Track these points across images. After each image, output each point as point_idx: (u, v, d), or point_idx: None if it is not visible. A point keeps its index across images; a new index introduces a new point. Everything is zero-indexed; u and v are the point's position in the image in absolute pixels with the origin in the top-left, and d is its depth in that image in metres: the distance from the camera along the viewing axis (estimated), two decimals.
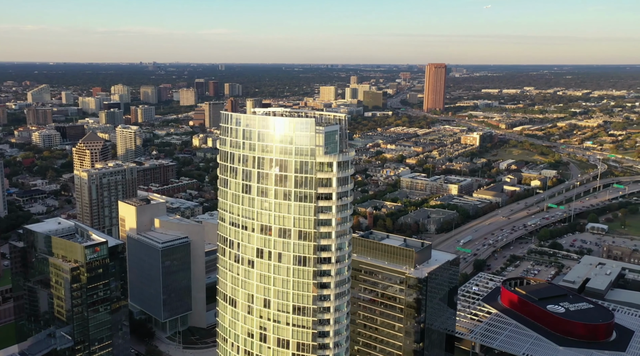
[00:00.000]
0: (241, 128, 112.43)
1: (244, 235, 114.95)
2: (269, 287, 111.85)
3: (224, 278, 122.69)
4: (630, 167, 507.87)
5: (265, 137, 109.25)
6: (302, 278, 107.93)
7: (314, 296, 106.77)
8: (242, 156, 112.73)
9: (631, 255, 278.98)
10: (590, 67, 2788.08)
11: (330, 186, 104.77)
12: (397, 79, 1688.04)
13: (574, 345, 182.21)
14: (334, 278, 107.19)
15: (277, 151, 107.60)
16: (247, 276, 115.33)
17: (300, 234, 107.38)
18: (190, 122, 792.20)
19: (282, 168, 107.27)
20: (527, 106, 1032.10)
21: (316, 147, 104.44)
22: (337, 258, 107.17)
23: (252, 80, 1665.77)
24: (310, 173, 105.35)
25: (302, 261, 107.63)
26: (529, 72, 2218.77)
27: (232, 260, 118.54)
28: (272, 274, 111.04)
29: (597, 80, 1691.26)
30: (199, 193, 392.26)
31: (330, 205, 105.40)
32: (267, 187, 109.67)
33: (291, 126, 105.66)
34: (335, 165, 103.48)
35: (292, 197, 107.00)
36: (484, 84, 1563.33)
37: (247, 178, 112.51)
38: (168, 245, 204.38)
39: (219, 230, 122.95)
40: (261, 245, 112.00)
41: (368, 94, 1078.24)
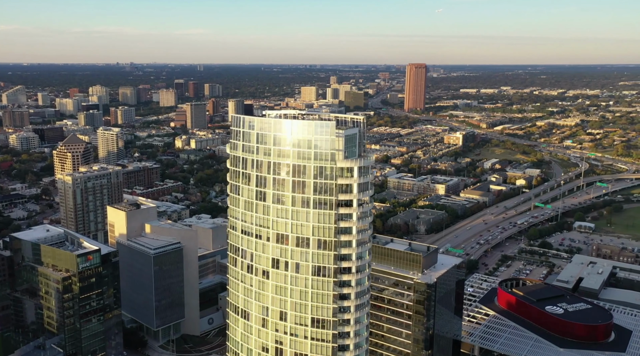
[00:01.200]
0: (255, 132, 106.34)
1: (257, 244, 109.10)
2: (286, 299, 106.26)
3: (235, 290, 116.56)
4: (610, 165, 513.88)
5: (281, 141, 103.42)
6: (322, 289, 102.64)
7: (334, 308, 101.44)
8: (256, 161, 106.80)
9: (620, 254, 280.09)
10: (562, 67, 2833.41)
11: (351, 192, 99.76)
12: (376, 79, 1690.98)
13: (574, 346, 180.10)
14: (354, 289, 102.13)
15: (295, 156, 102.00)
16: (261, 288, 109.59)
17: (320, 243, 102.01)
18: (172, 123, 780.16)
19: (299, 174, 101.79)
20: (505, 106, 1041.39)
21: (337, 151, 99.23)
22: (358, 267, 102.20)
23: (231, 80, 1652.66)
24: (330, 179, 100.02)
25: (322, 271, 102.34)
26: (505, 72, 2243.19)
27: (245, 271, 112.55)
28: (289, 285, 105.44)
29: (571, 80, 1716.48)
30: (184, 196, 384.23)
31: (350, 213, 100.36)
32: (283, 194, 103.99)
33: (310, 129, 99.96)
34: (356, 171, 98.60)
35: (310, 204, 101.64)
36: (462, 84, 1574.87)
37: (262, 184, 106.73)
38: (160, 251, 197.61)
39: (230, 239, 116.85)
40: (277, 255, 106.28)
41: (349, 94, 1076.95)
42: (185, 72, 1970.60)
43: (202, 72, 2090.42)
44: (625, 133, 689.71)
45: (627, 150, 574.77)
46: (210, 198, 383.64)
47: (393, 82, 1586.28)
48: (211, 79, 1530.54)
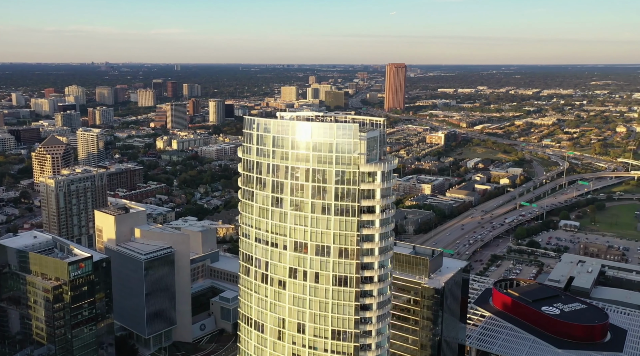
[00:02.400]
0: (271, 135, 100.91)
1: (273, 253, 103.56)
2: (304, 310, 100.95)
3: (248, 301, 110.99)
4: (589, 163, 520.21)
5: (299, 144, 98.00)
6: (343, 299, 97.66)
7: (355, 319, 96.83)
8: (272, 166, 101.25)
9: (607, 252, 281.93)
10: (535, 67, 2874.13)
11: (374, 198, 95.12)
12: (355, 78, 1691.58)
13: (571, 347, 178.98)
14: (376, 299, 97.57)
15: (314, 160, 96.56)
16: (277, 299, 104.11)
17: (341, 251, 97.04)
18: (152, 124, 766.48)
19: (320, 179, 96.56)
20: (483, 105, 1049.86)
21: (359, 155, 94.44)
22: (380, 276, 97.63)
23: (209, 80, 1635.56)
24: (352, 184, 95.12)
25: (343, 281, 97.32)
26: (480, 72, 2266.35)
27: (259, 281, 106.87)
28: (308, 296, 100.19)
29: (544, 80, 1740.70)
30: (169, 198, 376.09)
31: (373, 219, 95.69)
32: (302, 200, 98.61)
33: (331, 132, 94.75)
34: (379, 175, 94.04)
35: (331, 211, 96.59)
36: (439, 84, 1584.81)
37: (278, 190, 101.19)
38: (151, 257, 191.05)
39: (242, 247, 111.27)
40: (295, 264, 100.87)
41: (330, 94, 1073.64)
42: (163, 72, 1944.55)
43: (180, 72, 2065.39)
44: (601, 132, 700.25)
45: (604, 148, 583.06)
46: (195, 200, 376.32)
47: (371, 82, 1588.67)
48: (189, 79, 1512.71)
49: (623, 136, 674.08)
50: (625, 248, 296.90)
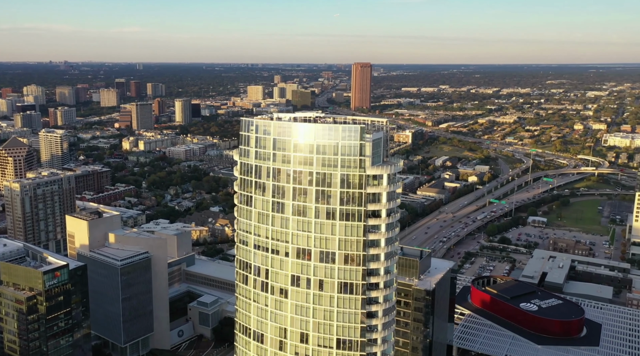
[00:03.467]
0: (271, 137, 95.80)
1: (274, 260, 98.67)
2: (307, 319, 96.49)
3: (245, 310, 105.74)
4: (551, 160, 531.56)
5: (302, 147, 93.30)
6: (349, 307, 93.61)
7: (361, 327, 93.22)
8: (273, 169, 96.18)
9: (575, 247, 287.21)
10: (493, 66, 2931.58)
11: (380, 202, 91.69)
12: (320, 78, 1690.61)
13: (550, 342, 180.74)
14: (382, 306, 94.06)
15: (319, 163, 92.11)
16: (278, 308, 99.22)
17: (347, 258, 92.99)
18: (116, 124, 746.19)
19: (324, 183, 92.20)
20: (446, 104, 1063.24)
21: (365, 157, 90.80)
22: (386, 283, 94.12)
23: (173, 79, 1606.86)
24: (358, 187, 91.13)
25: (349, 288, 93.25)
26: (441, 71, 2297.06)
27: (259, 289, 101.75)
28: (312, 304, 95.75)
29: (503, 79, 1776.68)
30: (138, 200, 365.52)
31: (379, 224, 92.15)
32: (305, 205, 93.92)
33: (336, 134, 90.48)
34: (385, 178, 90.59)
35: (337, 216, 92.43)
36: (403, 83, 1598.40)
37: (280, 194, 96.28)
38: (127, 262, 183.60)
39: (239, 254, 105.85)
40: (297, 272, 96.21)
41: (296, 93, 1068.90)
42: (124, 71, 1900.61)
43: (142, 71, 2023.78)
44: (560, 130, 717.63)
45: (564, 145, 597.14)
46: (165, 202, 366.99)
47: (336, 81, 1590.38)
48: (153, 78, 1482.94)
49: (581, 133, 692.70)
50: (592, 242, 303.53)
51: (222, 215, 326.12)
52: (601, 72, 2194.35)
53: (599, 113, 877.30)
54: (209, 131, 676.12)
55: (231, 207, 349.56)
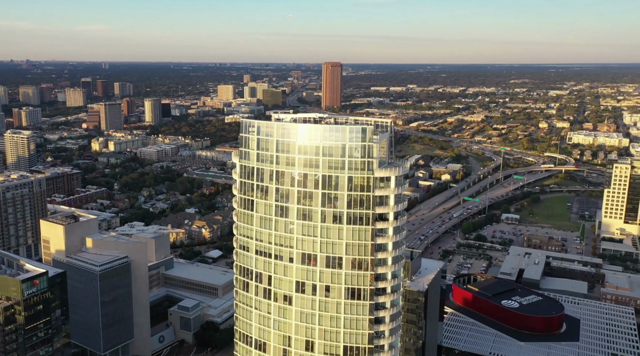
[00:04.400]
0: (274, 139, 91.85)
1: (277, 266, 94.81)
2: (313, 326, 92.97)
3: (246, 318, 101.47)
4: (520, 158, 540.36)
5: (307, 149, 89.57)
6: (356, 313, 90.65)
7: (369, 334, 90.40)
8: (276, 172, 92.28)
9: (549, 243, 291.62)
10: (458, 66, 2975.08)
11: (388, 205, 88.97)
12: (289, 77, 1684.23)
13: (532, 339, 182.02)
14: (389, 311, 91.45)
15: (325, 165, 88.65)
16: (282, 315, 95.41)
17: (354, 263, 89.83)
18: (84, 125, 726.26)
19: (330, 186, 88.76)
20: (415, 103, 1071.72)
21: (373, 159, 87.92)
22: (393, 287, 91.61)
23: (141, 79, 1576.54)
24: (366, 190, 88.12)
25: (356, 294, 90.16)
26: (408, 70, 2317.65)
27: (261, 296, 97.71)
28: (317, 311, 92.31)
29: (468, 78, 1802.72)
30: (111, 202, 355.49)
31: (387, 227, 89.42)
32: (311, 209, 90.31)
33: (343, 135, 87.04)
34: (393, 180, 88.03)
35: (344, 220, 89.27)
36: (372, 82, 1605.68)
37: (284, 198, 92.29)
38: (107, 268, 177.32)
39: (239, 261, 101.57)
40: (302, 278, 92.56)
41: (267, 93, 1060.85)
42: (90, 70, 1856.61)
43: (108, 70, 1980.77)
44: (525, 128, 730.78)
45: (530, 143, 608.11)
46: (139, 204, 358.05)
47: (306, 81, 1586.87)
48: (119, 78, 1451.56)
49: (546, 131, 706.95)
50: (564, 238, 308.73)
51: (199, 217, 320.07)
52: (560, 72, 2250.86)
53: (561, 112, 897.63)
54: (180, 131, 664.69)
55: (207, 208, 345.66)
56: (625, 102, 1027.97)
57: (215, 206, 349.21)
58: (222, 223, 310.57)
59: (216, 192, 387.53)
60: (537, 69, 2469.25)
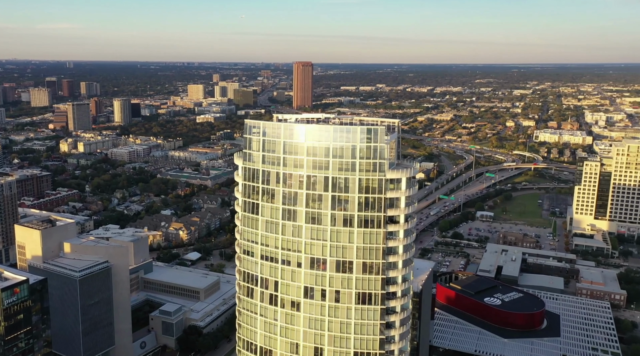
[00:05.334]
0: (281, 140, 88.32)
1: (284, 271, 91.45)
2: (322, 333, 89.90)
3: (251, 325, 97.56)
4: (490, 156, 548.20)
5: (317, 150, 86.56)
6: (367, 319, 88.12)
7: (380, 339, 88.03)
8: (283, 174, 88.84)
9: (523, 240, 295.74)
10: (424, 66, 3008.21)
11: (398, 207, 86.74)
12: (259, 77, 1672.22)
13: (515, 335, 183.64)
14: (399, 316, 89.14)
15: (335, 167, 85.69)
16: (289, 322, 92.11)
17: (365, 267, 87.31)
18: (51, 125, 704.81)
19: (340, 188, 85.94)
20: (385, 102, 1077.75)
21: (384, 160, 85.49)
22: (403, 291, 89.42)
23: (108, 78, 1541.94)
24: (378, 192, 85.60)
25: (367, 299, 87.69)
26: (376, 70, 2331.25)
27: (266, 303, 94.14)
28: (327, 317, 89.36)
29: (435, 78, 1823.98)
30: (83, 205, 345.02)
31: (397, 230, 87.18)
32: (320, 212, 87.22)
33: (354, 136, 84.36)
34: (404, 182, 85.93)
35: (355, 223, 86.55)
36: (341, 82, 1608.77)
37: (291, 201, 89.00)
38: (87, 273, 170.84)
39: (242, 266, 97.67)
40: (311, 283, 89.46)
41: (238, 92, 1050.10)
42: (54, 70, 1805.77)
43: (73, 70, 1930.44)
44: (493, 127, 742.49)
45: (499, 142, 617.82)
46: (113, 206, 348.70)
47: (276, 80, 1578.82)
48: (85, 77, 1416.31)
49: (513, 130, 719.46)
50: (537, 235, 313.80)
51: (175, 219, 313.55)
52: (523, 71, 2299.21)
53: (526, 111, 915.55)
54: (151, 131, 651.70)
55: (183, 209, 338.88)
56: (586, 101, 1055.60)
57: (191, 207, 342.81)
58: (200, 225, 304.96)
59: (192, 193, 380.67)
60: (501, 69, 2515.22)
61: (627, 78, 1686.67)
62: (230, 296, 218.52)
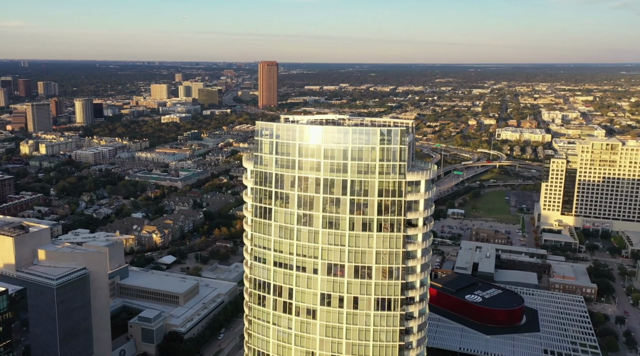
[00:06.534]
0: (296, 143, 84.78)
1: (300, 278, 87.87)
2: (340, 341, 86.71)
3: (263, 334, 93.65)
4: (455, 154, 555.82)
5: (335, 153, 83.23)
6: (386, 325, 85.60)
7: (400, 345, 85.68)
8: (298, 178, 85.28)
9: (495, 236, 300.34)
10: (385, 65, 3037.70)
11: (417, 210, 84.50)
12: (222, 76, 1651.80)
13: (496, 332, 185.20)
14: (417, 321, 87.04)
15: (353, 170, 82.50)
16: (305, 330, 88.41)
17: (385, 272, 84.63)
18: (8, 126, 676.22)
19: (359, 192, 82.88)
20: (349, 101, 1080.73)
21: (404, 162, 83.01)
22: (421, 296, 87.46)
23: (66, 78, 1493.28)
24: (398, 195, 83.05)
25: (387, 304, 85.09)
26: (339, 69, 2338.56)
27: (280, 311, 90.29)
28: (344, 324, 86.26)
29: (397, 77, 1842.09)
30: (50, 209, 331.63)
31: (416, 234, 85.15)
32: (338, 216, 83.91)
33: (374, 138, 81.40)
34: (423, 184, 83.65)
35: (374, 227, 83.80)
36: (305, 81, 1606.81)
37: (307, 205, 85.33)
38: (64, 281, 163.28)
39: (253, 273, 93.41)
40: (328, 290, 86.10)
41: (203, 92, 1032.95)
42: (8, 69, 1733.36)
43: (28, 69, 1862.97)
44: (457, 125, 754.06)
45: (464, 140, 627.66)
46: (81, 210, 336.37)
47: (239, 79, 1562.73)
48: (42, 77, 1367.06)
49: (475, 128, 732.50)
50: (507, 231, 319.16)
51: (147, 222, 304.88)
52: (479, 71, 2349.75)
53: (487, 110, 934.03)
54: (116, 132, 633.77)
55: (155, 212, 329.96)
56: (541, 100, 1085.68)
57: (163, 210, 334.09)
58: (173, 228, 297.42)
59: (162, 194, 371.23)
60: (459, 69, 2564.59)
61: (577, 77, 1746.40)
62: (210, 301, 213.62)
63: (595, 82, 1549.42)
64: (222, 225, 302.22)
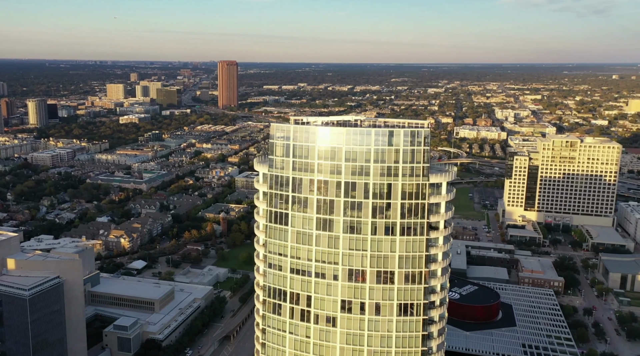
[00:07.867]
0: (315, 145, 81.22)
1: (319, 285, 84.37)
2: (361, 348, 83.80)
3: (279, 344, 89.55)
4: None
5: (357, 155, 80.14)
6: (409, 331, 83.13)
7: (422, 351, 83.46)
8: (318, 181, 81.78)
9: (463, 233, 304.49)
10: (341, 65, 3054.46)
11: (439, 213, 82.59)
12: (179, 76, 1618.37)
13: (475, 328, 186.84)
14: (437, 326, 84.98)
15: (376, 172, 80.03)
16: (324, 338, 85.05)
17: (408, 276, 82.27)
18: None
19: (382, 195, 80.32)
20: (309, 101, 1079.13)
21: (427, 164, 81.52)
22: (442, 300, 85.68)
23: (14, 77, 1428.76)
24: (421, 198, 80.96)
25: (409, 310, 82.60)
26: (295, 69, 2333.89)
27: (297, 319, 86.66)
28: (366, 331, 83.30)
29: (353, 77, 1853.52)
30: (8, 215, 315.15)
31: (437, 237, 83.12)
32: (360, 220, 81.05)
33: (397, 139, 79.23)
34: (444, 187, 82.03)
35: (397, 231, 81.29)
36: (263, 81, 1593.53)
37: (327, 210, 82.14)
38: (37, 291, 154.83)
39: (268, 281, 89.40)
40: (349, 296, 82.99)
41: (161, 92, 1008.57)
42: None
43: None
44: None
45: None
46: (42, 215, 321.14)
47: (196, 79, 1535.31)
48: None
49: (434, 127, 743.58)
50: (474, 227, 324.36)
51: (114, 226, 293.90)
52: (432, 71, 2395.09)
53: (443, 108, 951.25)
54: (72, 134, 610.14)
55: (121, 216, 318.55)
56: (493, 99, 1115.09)
57: (129, 213, 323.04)
58: (142, 232, 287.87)
59: (127, 197, 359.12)
60: (412, 68, 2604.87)
61: (525, 77, 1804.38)
62: (187, 306, 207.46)
63: (542, 81, 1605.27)
64: (191, 227, 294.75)
